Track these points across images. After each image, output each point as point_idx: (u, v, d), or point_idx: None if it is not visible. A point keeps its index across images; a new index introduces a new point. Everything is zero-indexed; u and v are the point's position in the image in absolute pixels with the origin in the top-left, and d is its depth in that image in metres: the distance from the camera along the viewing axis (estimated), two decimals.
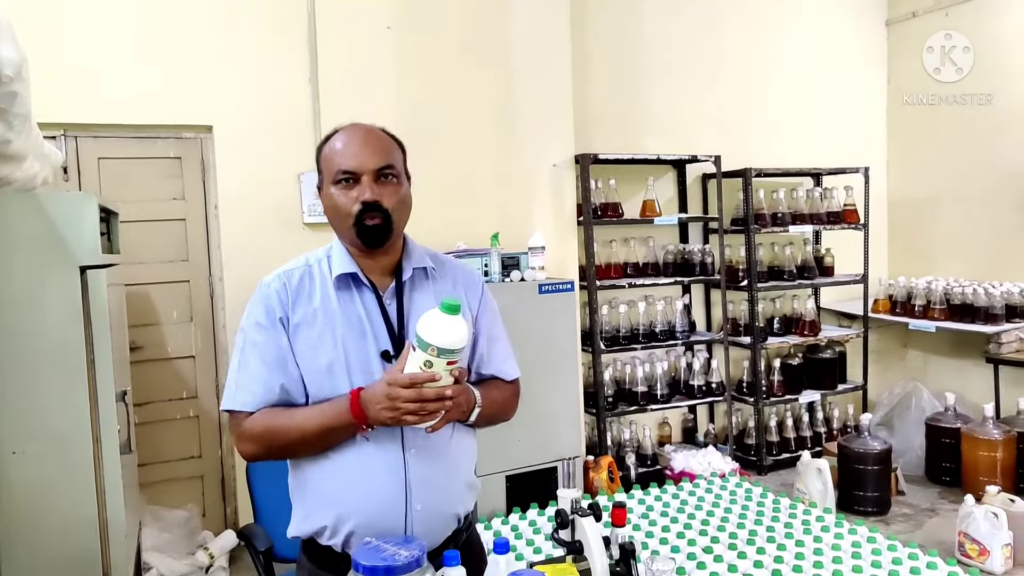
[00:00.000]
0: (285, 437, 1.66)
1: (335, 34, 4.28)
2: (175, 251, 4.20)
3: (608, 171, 4.98)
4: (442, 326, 1.49)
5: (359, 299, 1.76)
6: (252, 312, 1.75)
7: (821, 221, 5.56)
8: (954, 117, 5.82)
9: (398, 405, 1.52)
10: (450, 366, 1.52)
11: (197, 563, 3.90)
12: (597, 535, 1.62)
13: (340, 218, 1.74)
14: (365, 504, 1.69)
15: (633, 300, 5.06)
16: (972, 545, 3.78)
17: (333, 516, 1.70)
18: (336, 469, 1.70)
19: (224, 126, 4.13)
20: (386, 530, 1.67)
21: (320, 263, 1.80)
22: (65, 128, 3.90)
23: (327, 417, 1.62)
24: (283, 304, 1.73)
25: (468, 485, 1.85)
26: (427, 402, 1.52)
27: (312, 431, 1.64)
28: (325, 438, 1.65)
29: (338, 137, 1.77)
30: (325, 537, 1.72)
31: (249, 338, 1.73)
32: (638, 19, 5.31)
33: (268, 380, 1.69)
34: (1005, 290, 5.15)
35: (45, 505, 2.46)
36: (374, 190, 1.70)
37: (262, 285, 1.77)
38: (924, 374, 6.02)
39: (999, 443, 4.56)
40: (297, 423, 1.66)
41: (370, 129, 1.78)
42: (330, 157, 1.75)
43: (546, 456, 4.26)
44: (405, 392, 1.52)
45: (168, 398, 4.20)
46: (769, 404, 5.36)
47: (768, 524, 3.64)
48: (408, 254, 1.83)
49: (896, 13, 6.22)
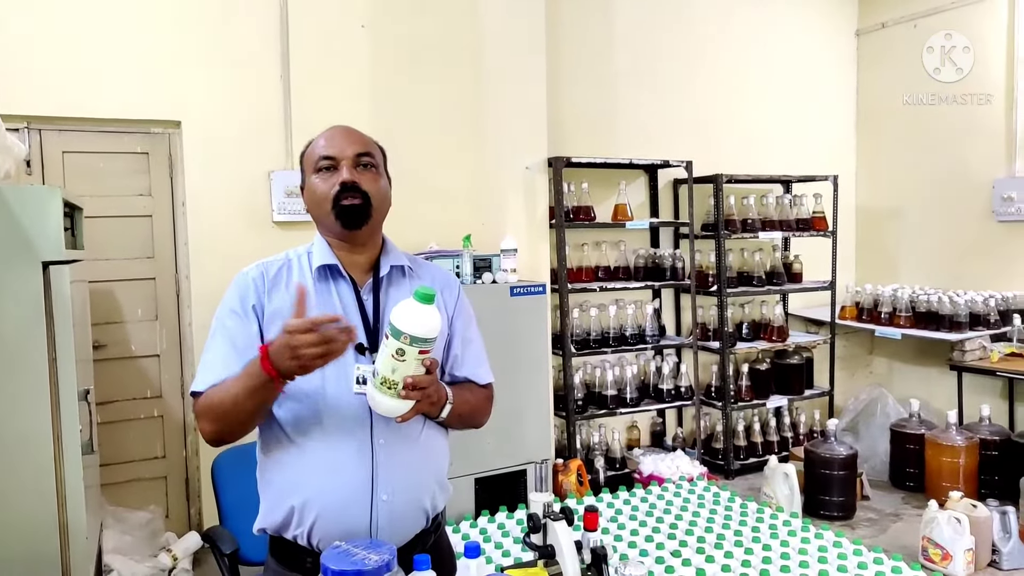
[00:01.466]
0: (222, 405, 1.64)
1: (308, 31, 4.25)
2: (141, 248, 4.14)
3: (580, 175, 4.98)
4: (416, 315, 1.49)
5: (336, 292, 1.78)
6: (227, 300, 1.77)
7: (790, 228, 5.60)
8: (921, 127, 5.89)
9: (299, 352, 1.47)
10: (422, 355, 1.51)
11: (160, 565, 3.84)
12: (569, 539, 1.61)
13: (319, 203, 1.76)
14: (331, 491, 1.68)
15: (604, 304, 5.06)
16: (935, 550, 3.83)
17: (298, 502, 1.69)
18: (302, 455, 1.70)
19: (193, 122, 4.08)
20: (351, 519, 1.68)
21: (300, 257, 1.83)
22: (29, 120, 3.82)
23: (247, 375, 1.59)
24: (259, 292, 1.74)
25: (438, 482, 1.84)
26: (332, 342, 1.48)
27: (239, 393, 1.61)
28: (253, 397, 1.60)
29: (321, 135, 1.82)
30: (291, 529, 1.71)
31: (220, 324, 1.75)
32: (612, 24, 5.31)
33: (232, 362, 1.68)
34: (969, 299, 5.22)
35: (2, 505, 2.41)
36: (352, 172, 1.74)
37: (240, 275, 1.79)
38: (889, 380, 6.09)
39: (962, 449, 4.62)
40: (227, 387, 1.64)
41: (350, 126, 1.84)
42: (311, 151, 1.81)
43: (515, 459, 4.24)
44: (305, 337, 1.47)
45: (132, 397, 4.13)
46: (737, 409, 5.38)
47: (736, 528, 3.66)
48: (387, 251, 1.86)
49: (866, 23, 6.29)
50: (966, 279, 5.59)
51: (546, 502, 1.68)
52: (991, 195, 5.42)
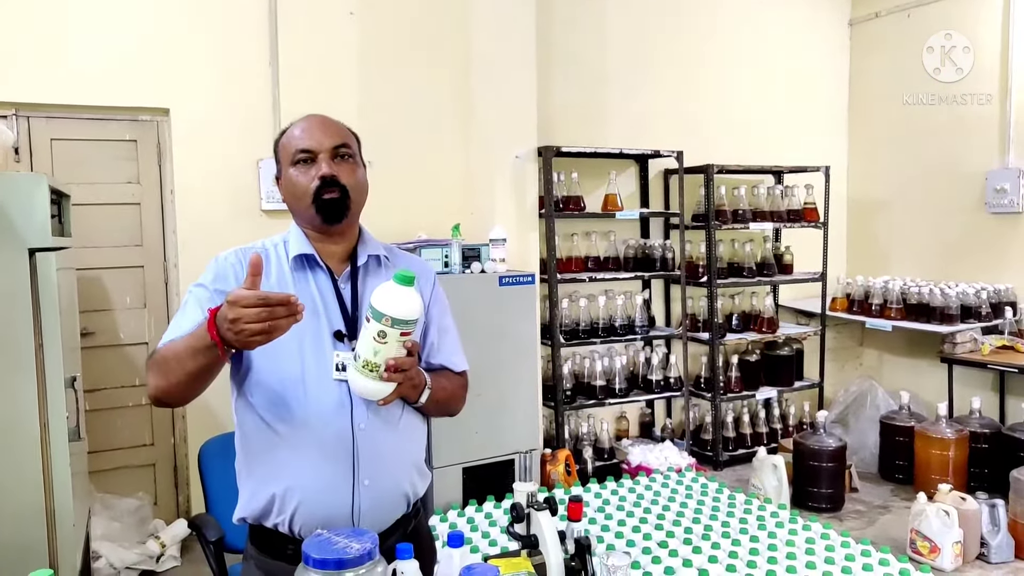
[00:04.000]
0: (166, 362, 1.60)
1: (296, 18, 4.23)
2: (129, 236, 4.12)
3: (570, 164, 4.96)
4: (396, 297, 1.49)
5: (314, 282, 1.78)
6: (203, 277, 1.77)
7: (781, 219, 5.60)
8: (914, 118, 5.89)
9: (240, 326, 1.42)
10: (403, 337, 1.52)
11: (148, 552, 3.84)
12: (552, 529, 1.61)
13: (298, 197, 1.76)
14: (312, 476, 1.69)
15: (593, 294, 5.06)
16: (923, 542, 3.84)
17: (279, 490, 1.69)
18: (282, 441, 1.70)
19: (182, 109, 4.06)
20: (334, 506, 1.69)
21: (276, 247, 1.83)
22: (17, 107, 3.80)
23: (193, 337, 1.55)
24: (237, 277, 1.74)
25: (417, 468, 1.86)
26: (276, 320, 1.42)
27: (182, 351, 1.57)
28: (194, 359, 1.55)
29: (295, 126, 1.82)
30: (272, 517, 1.71)
31: (191, 296, 1.74)
32: (603, 12, 5.29)
33: (192, 327, 1.63)
34: (960, 291, 5.22)
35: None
36: (331, 165, 1.74)
37: (217, 258, 1.80)
38: (879, 373, 6.11)
39: (952, 442, 4.63)
40: (173, 346, 1.61)
41: (325, 116, 1.84)
42: (287, 142, 1.80)
43: (503, 449, 4.24)
44: (248, 311, 1.41)
45: (120, 385, 4.12)
46: (726, 400, 5.39)
47: (723, 519, 3.67)
48: (364, 241, 1.87)
49: (859, 13, 6.27)
50: (957, 271, 5.59)
51: (530, 492, 1.67)
52: (984, 187, 5.42)
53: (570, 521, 1.72)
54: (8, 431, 2.44)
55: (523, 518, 1.66)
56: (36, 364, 2.49)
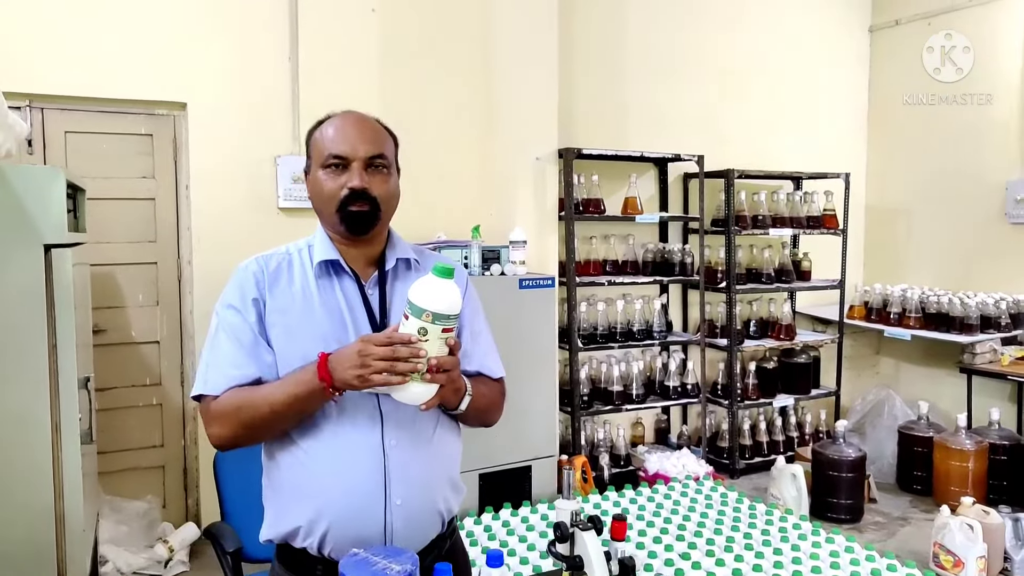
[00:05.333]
0: (253, 411, 1.58)
1: (317, 13, 4.16)
2: (143, 231, 4.05)
3: (591, 167, 4.90)
4: (437, 290, 1.43)
5: (339, 288, 1.71)
6: (226, 295, 1.69)
7: (800, 225, 5.53)
8: (933, 126, 5.82)
9: (368, 362, 1.44)
10: (445, 333, 1.45)
11: (156, 557, 3.77)
12: (599, 550, 1.54)
13: (324, 203, 1.69)
14: (342, 497, 1.61)
15: (611, 298, 4.99)
16: (947, 556, 3.76)
17: (309, 512, 1.62)
18: (312, 461, 1.63)
19: (199, 103, 3.99)
20: (365, 527, 1.61)
21: (300, 252, 1.75)
22: (31, 99, 3.73)
23: (294, 383, 1.54)
24: (259, 287, 1.67)
25: (452, 483, 1.78)
26: (399, 361, 1.44)
27: (280, 400, 1.55)
28: (294, 407, 1.56)
29: (331, 122, 1.72)
30: (300, 538, 1.64)
31: (223, 321, 1.67)
32: (625, 15, 5.23)
33: (241, 362, 1.62)
34: (980, 300, 5.15)
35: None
36: (363, 177, 1.66)
37: (239, 269, 1.72)
38: (896, 382, 6.03)
39: (971, 453, 4.55)
40: (264, 395, 1.58)
41: (364, 117, 1.75)
42: (320, 141, 1.71)
43: (520, 455, 4.17)
44: (379, 349, 1.43)
45: (130, 384, 4.05)
46: (743, 407, 5.32)
47: (745, 530, 3.59)
48: (392, 245, 1.79)
49: (880, 20, 6.21)
50: (975, 281, 5.52)
51: (574, 510, 1.60)
52: (1004, 197, 5.35)
53: (613, 540, 1.64)
54: (20, 432, 2.37)
55: (567, 538, 1.58)
56: (49, 363, 2.41)
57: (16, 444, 2.37)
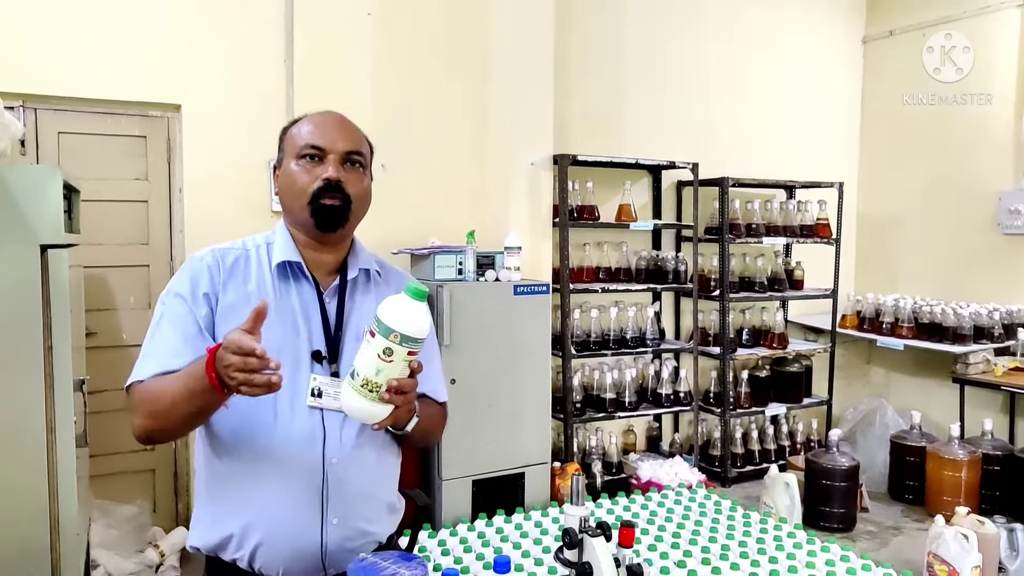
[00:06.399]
0: (158, 402, 1.51)
1: (313, 16, 4.14)
2: (135, 234, 4.02)
3: (585, 173, 4.89)
4: (408, 312, 1.37)
5: (297, 293, 1.66)
6: (174, 283, 1.64)
7: (794, 234, 5.54)
8: (926, 137, 5.85)
9: (231, 373, 1.34)
10: (410, 356, 1.40)
11: (146, 561, 3.73)
12: (608, 557, 1.52)
13: (295, 195, 1.64)
14: (278, 512, 1.56)
15: (604, 305, 4.98)
16: (942, 566, 3.76)
17: (241, 523, 1.57)
18: (246, 470, 1.58)
19: (193, 106, 3.96)
20: (299, 544, 1.56)
21: (259, 249, 1.70)
22: (24, 99, 3.70)
23: (188, 377, 1.45)
24: (213, 282, 1.62)
25: (389, 505, 1.74)
26: (254, 373, 1.33)
27: (177, 393, 1.47)
28: (190, 403, 1.46)
29: (309, 118, 1.71)
30: (230, 550, 1.59)
31: (168, 309, 1.61)
32: (621, 23, 5.24)
33: (181, 351, 1.55)
34: (973, 311, 5.17)
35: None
36: (339, 170, 1.63)
37: (192, 258, 1.67)
38: (886, 391, 6.05)
39: (964, 463, 4.57)
40: (167, 384, 1.50)
41: (343, 116, 1.73)
42: (296, 135, 1.68)
43: (513, 461, 4.15)
44: (234, 359, 1.33)
45: (121, 387, 3.99)
46: (735, 416, 5.32)
47: (740, 539, 3.57)
48: (355, 253, 1.75)
49: (873, 31, 6.24)
50: (968, 291, 5.55)
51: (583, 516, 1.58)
52: (997, 207, 5.38)
53: (621, 547, 1.63)
54: (14, 435, 2.34)
55: (576, 544, 1.57)
56: (44, 366, 2.39)
57: (11, 446, 2.34)
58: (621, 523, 1.67)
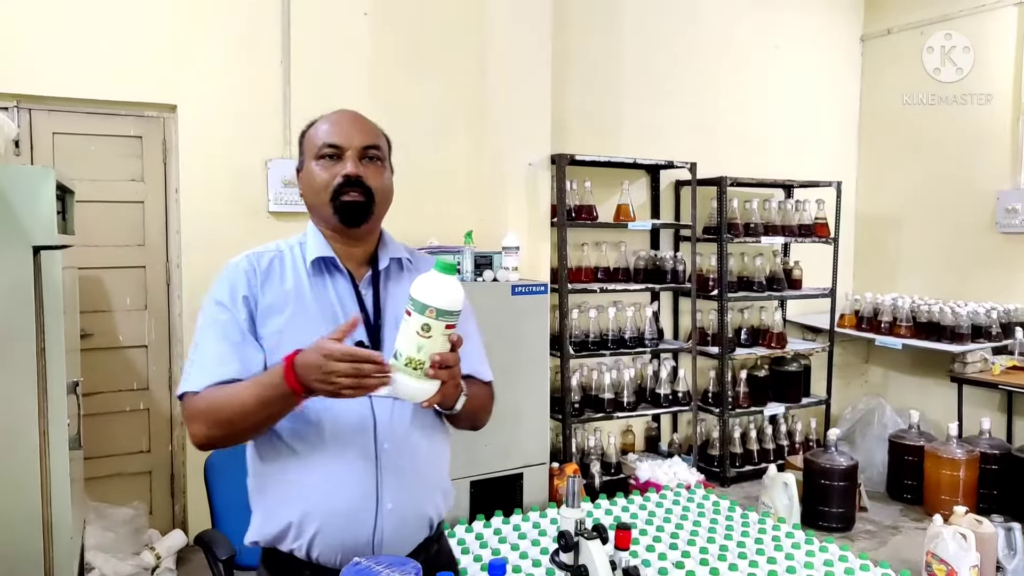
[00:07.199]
0: (225, 411, 1.54)
1: (309, 16, 4.13)
2: (131, 235, 4.01)
3: (583, 173, 4.88)
4: (440, 286, 1.40)
5: (333, 286, 1.69)
6: (215, 291, 1.66)
7: (792, 233, 5.53)
8: (924, 136, 5.84)
9: (333, 380, 1.39)
10: (448, 330, 1.42)
11: (143, 564, 3.71)
12: (604, 560, 1.51)
13: (317, 193, 1.67)
14: (334, 500, 1.59)
15: (603, 305, 4.96)
16: (940, 566, 3.75)
17: (297, 514, 1.59)
18: (302, 463, 1.60)
19: (189, 106, 3.95)
20: (355, 531, 1.59)
21: (292, 249, 1.74)
22: (19, 99, 3.68)
23: (262, 386, 1.50)
24: (250, 285, 1.65)
25: (441, 488, 1.77)
26: (365, 377, 1.39)
27: (249, 401, 1.51)
28: (263, 409, 1.51)
29: (325, 118, 1.74)
30: (288, 541, 1.61)
31: (210, 318, 1.63)
32: (619, 23, 5.22)
33: (227, 359, 1.58)
34: (971, 310, 5.16)
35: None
36: (358, 166, 1.66)
37: (228, 265, 1.69)
38: (885, 390, 6.04)
39: (962, 462, 4.56)
40: (236, 394, 1.53)
41: (358, 113, 1.76)
42: (314, 135, 1.71)
43: (511, 462, 4.14)
44: (341, 366, 1.39)
45: (117, 389, 4.00)
46: (734, 415, 5.31)
47: (739, 539, 3.57)
48: (384, 244, 1.78)
49: (871, 29, 6.23)
50: (966, 290, 5.54)
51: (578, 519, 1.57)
52: (994, 206, 5.37)
53: (618, 550, 1.62)
54: (7, 438, 2.33)
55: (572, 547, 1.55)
56: (38, 368, 2.37)
57: (3, 449, 2.33)
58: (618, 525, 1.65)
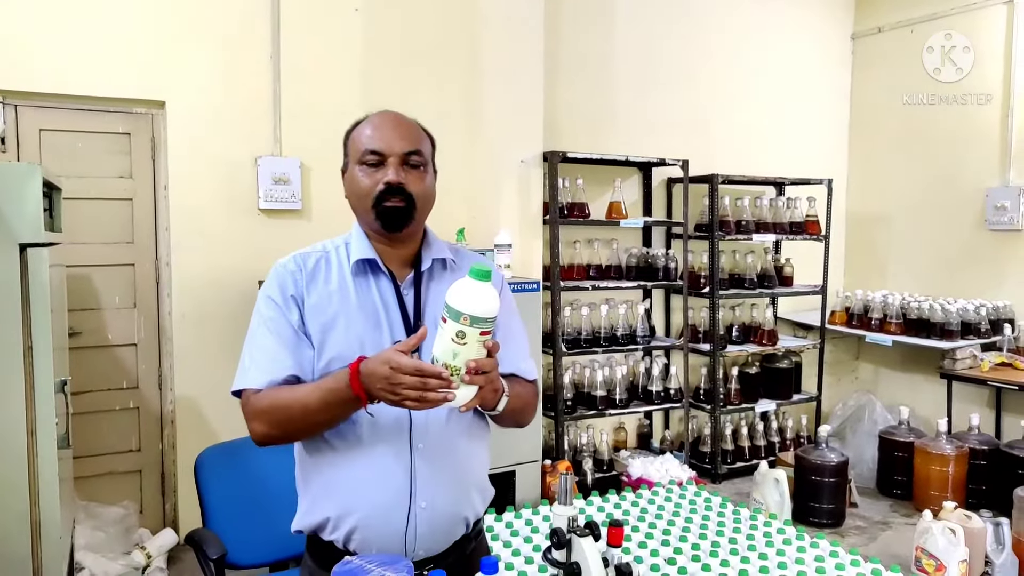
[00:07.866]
0: (288, 412, 1.59)
1: (300, 12, 4.11)
2: (120, 232, 3.98)
3: (575, 170, 4.87)
4: (474, 293, 1.41)
5: (376, 287, 1.71)
6: (265, 290, 1.71)
7: (784, 231, 5.54)
8: (914, 134, 5.86)
9: (398, 391, 1.43)
10: (483, 336, 1.42)
11: (133, 563, 3.68)
12: (597, 557, 1.50)
13: (360, 199, 1.70)
14: (369, 498, 1.63)
15: (595, 303, 4.96)
16: (929, 560, 3.76)
17: (336, 509, 1.64)
18: (341, 460, 1.65)
19: (178, 102, 3.92)
20: (389, 528, 1.63)
21: (338, 249, 1.77)
22: (4, 95, 3.65)
23: (327, 391, 1.54)
24: (297, 284, 1.69)
25: (478, 488, 1.79)
26: (429, 391, 1.42)
27: (313, 405, 1.56)
28: (327, 413, 1.57)
29: (369, 120, 1.76)
30: (327, 531, 1.66)
31: (263, 315, 1.68)
32: (611, 20, 5.22)
33: (281, 356, 1.63)
34: (960, 307, 5.18)
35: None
36: (399, 173, 1.67)
37: (277, 266, 1.74)
38: (875, 387, 6.06)
39: (951, 458, 4.58)
40: (299, 397, 1.58)
41: (402, 116, 1.80)
42: (357, 139, 1.74)
43: (504, 460, 4.13)
44: (408, 379, 1.41)
45: (107, 387, 3.97)
46: (726, 412, 5.31)
47: (730, 535, 3.57)
48: (428, 244, 1.79)
49: (862, 27, 6.24)
50: (956, 287, 5.57)
51: (571, 516, 1.57)
52: (984, 203, 5.39)
53: (610, 547, 1.61)
54: None
55: (564, 544, 1.55)
56: (24, 367, 2.35)
57: None
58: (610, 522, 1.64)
